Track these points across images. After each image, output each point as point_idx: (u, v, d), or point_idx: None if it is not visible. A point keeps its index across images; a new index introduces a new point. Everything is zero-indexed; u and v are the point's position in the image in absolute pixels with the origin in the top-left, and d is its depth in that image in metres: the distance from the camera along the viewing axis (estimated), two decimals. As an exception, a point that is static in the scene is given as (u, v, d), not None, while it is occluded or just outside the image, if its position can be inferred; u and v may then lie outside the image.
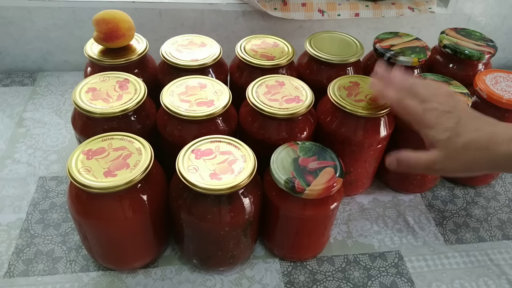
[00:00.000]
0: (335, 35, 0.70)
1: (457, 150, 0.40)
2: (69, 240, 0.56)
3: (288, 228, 0.51)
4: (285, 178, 0.46)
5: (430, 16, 0.87)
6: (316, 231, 0.52)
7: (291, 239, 0.53)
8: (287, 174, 0.47)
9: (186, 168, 0.45)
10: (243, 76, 0.63)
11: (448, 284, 0.55)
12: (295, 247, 0.54)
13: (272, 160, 0.49)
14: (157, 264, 0.54)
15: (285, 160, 0.49)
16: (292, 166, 0.48)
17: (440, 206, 0.65)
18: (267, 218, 0.52)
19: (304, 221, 0.50)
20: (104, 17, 0.60)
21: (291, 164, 0.48)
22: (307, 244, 0.54)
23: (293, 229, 0.51)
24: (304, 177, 0.47)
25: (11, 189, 0.61)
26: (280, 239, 0.54)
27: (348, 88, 0.58)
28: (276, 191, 0.49)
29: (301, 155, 0.49)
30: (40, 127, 0.72)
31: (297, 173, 0.47)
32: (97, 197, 0.44)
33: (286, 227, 0.52)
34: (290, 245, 0.54)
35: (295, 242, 0.53)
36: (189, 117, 0.51)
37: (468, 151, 0.40)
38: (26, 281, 0.51)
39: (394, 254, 0.58)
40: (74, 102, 0.52)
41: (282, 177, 0.47)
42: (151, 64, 0.65)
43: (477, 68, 0.68)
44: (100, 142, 0.47)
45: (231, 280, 0.53)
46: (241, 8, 0.81)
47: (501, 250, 0.60)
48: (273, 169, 0.48)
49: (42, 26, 0.79)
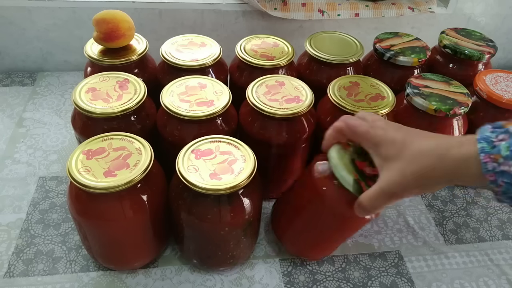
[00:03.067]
0: (335, 35, 0.70)
1: (410, 161, 0.39)
2: (69, 240, 0.56)
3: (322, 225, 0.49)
4: (353, 179, 0.43)
5: (430, 16, 0.87)
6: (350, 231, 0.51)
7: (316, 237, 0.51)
8: (352, 175, 0.44)
9: (186, 168, 0.45)
10: (243, 76, 0.63)
11: (448, 284, 0.55)
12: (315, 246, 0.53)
13: (333, 157, 0.45)
14: (157, 264, 0.54)
15: (345, 159, 0.45)
16: (353, 167, 0.45)
17: (440, 206, 0.65)
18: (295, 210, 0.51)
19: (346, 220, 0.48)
20: (104, 17, 0.60)
21: (351, 164, 0.45)
22: (329, 244, 0.53)
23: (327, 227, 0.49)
24: (366, 181, 0.44)
25: (11, 189, 0.61)
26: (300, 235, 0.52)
27: (348, 88, 0.58)
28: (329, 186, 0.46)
29: (356, 157, 0.46)
30: (40, 127, 0.72)
31: (360, 176, 0.44)
32: (97, 197, 0.44)
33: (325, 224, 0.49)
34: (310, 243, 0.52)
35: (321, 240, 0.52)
36: (189, 117, 0.51)
37: (421, 161, 0.38)
38: (26, 281, 0.51)
39: (394, 254, 0.58)
40: (74, 102, 0.52)
41: (350, 177, 0.43)
42: (151, 64, 0.65)
43: (477, 68, 0.68)
44: (100, 142, 0.47)
45: (231, 280, 0.53)
46: (241, 8, 0.81)
47: (501, 250, 0.60)
48: (338, 166, 0.44)
49: (42, 26, 0.79)
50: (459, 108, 0.56)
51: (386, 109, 0.55)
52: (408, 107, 0.60)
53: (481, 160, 0.34)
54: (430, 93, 0.58)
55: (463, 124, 0.60)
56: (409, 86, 0.60)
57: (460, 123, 0.60)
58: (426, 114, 0.57)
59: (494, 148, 0.33)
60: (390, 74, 0.67)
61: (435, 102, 0.57)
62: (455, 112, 0.56)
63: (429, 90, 0.59)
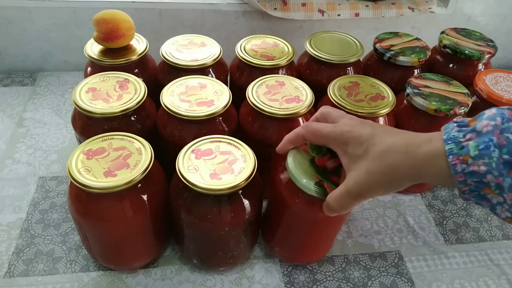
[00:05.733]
0: (335, 35, 0.70)
1: (376, 159, 0.38)
2: (69, 240, 0.56)
3: (301, 230, 0.50)
4: (314, 183, 0.43)
5: (430, 16, 0.87)
6: (327, 232, 0.52)
7: (300, 242, 0.52)
8: (313, 179, 0.44)
9: (186, 168, 0.45)
10: (243, 76, 0.63)
11: (448, 284, 0.55)
12: (302, 250, 0.53)
13: (291, 166, 0.45)
14: (157, 264, 0.54)
15: (303, 164, 0.45)
16: (313, 169, 0.45)
17: (440, 206, 0.65)
18: (274, 219, 0.52)
19: (322, 222, 0.48)
20: (104, 17, 0.60)
21: (311, 167, 0.45)
22: (316, 246, 0.53)
23: (306, 231, 0.50)
24: (330, 178, 0.43)
25: (11, 189, 0.61)
26: (287, 242, 0.53)
27: (348, 88, 0.58)
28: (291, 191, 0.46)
29: (315, 155, 0.45)
30: (40, 127, 0.72)
31: (322, 175, 0.44)
32: (97, 197, 0.44)
33: (299, 229, 0.50)
34: (297, 248, 0.53)
35: (304, 244, 0.52)
36: (189, 117, 0.51)
37: (387, 158, 0.37)
38: (26, 281, 0.51)
39: (394, 254, 0.58)
40: (74, 102, 0.52)
41: (311, 183, 0.43)
42: (151, 64, 0.65)
43: (477, 68, 0.68)
44: (100, 142, 0.47)
45: (231, 280, 0.53)
46: (241, 8, 0.81)
47: (501, 250, 0.60)
48: (296, 175, 0.44)
49: (42, 26, 0.79)
50: (459, 108, 0.56)
51: (386, 109, 0.55)
52: (408, 107, 0.60)
53: (450, 162, 0.33)
54: (430, 93, 0.58)
55: (463, 124, 0.60)
56: (409, 86, 0.60)
57: (460, 123, 0.60)
58: (426, 114, 0.57)
59: (462, 149, 0.33)
60: (390, 74, 0.67)
61: (435, 102, 0.57)
62: (455, 112, 0.56)
63: (429, 90, 0.59)
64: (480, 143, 0.32)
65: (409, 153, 0.36)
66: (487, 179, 0.32)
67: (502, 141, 0.32)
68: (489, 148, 0.32)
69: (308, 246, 0.53)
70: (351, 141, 0.40)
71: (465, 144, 0.33)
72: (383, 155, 0.38)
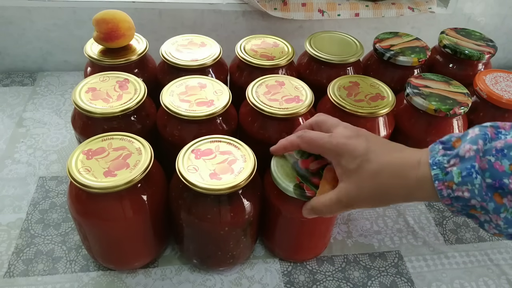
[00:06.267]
0: (335, 35, 0.70)
1: (369, 178, 0.39)
2: (69, 240, 0.56)
3: (290, 230, 0.51)
4: (292, 186, 0.45)
5: (430, 16, 0.87)
6: (318, 231, 0.52)
7: (292, 241, 0.53)
8: (293, 181, 0.45)
9: (186, 168, 0.45)
10: (243, 76, 0.63)
11: (448, 284, 0.55)
12: (296, 249, 0.54)
13: (273, 170, 0.47)
14: (157, 264, 0.54)
15: (286, 166, 0.47)
16: (294, 171, 0.46)
17: (440, 206, 0.65)
18: (268, 220, 0.52)
19: (308, 222, 0.49)
20: (104, 17, 0.60)
21: (293, 169, 0.47)
22: (308, 245, 0.54)
23: (295, 231, 0.51)
24: (310, 180, 0.45)
25: (11, 189, 0.61)
26: (281, 241, 0.53)
27: (348, 88, 0.58)
28: (278, 193, 0.47)
29: (299, 157, 0.48)
30: (40, 127, 0.72)
31: (302, 178, 0.46)
32: (97, 197, 0.44)
33: (288, 229, 0.51)
34: (291, 246, 0.54)
35: (297, 243, 0.53)
36: (189, 117, 0.51)
37: (380, 179, 0.38)
38: (26, 281, 0.51)
39: (394, 254, 0.58)
40: (74, 102, 0.52)
41: (290, 185, 0.45)
42: (151, 64, 0.65)
43: (477, 68, 0.68)
44: (100, 142, 0.47)
45: (231, 280, 0.53)
46: (241, 8, 0.81)
47: (501, 250, 0.60)
48: (278, 178, 0.46)
49: (42, 26, 0.79)
50: (459, 108, 0.56)
51: (386, 109, 0.55)
52: (408, 107, 0.60)
53: (436, 187, 0.34)
54: (430, 93, 0.58)
55: (463, 124, 0.60)
56: (409, 86, 0.60)
57: (460, 123, 0.60)
58: (426, 114, 0.57)
59: (447, 175, 0.34)
60: (390, 74, 0.67)
61: (435, 102, 0.57)
62: (455, 112, 0.56)
63: (429, 90, 0.59)
64: (463, 169, 0.33)
65: (401, 177, 0.37)
66: (471, 203, 0.33)
67: (484, 165, 0.32)
68: (471, 175, 0.32)
69: (301, 244, 0.53)
70: (345, 154, 0.41)
71: (450, 170, 0.34)
72: (376, 175, 0.39)
